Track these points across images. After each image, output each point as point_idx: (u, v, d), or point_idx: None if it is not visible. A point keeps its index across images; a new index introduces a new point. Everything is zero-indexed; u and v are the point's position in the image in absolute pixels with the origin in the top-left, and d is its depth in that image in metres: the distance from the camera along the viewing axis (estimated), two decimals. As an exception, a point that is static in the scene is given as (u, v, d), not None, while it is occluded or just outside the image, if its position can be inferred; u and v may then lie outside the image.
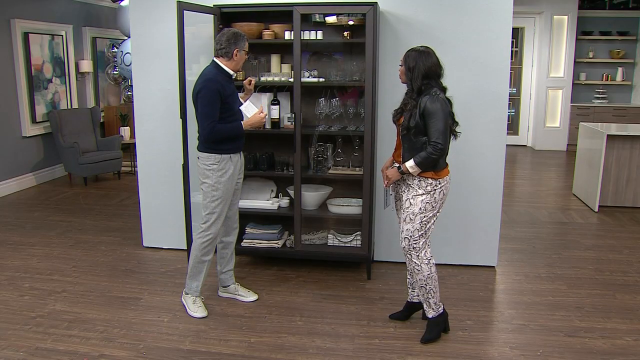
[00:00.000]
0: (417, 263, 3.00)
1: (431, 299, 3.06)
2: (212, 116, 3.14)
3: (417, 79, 2.87)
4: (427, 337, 3.10)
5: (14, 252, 4.49)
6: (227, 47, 3.19)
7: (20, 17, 6.49)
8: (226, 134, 3.22)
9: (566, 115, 9.47)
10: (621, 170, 5.78)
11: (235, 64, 3.24)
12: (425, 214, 2.94)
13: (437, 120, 2.81)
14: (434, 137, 2.82)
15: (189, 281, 3.41)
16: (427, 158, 2.84)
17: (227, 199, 3.31)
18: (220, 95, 3.14)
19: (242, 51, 3.23)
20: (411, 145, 2.92)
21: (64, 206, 5.95)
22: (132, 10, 4.29)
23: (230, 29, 3.27)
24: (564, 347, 3.03)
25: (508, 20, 3.82)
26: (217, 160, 3.23)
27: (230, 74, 3.25)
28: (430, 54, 2.91)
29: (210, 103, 3.13)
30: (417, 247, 2.98)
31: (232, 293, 3.60)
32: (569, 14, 9.15)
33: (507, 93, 3.93)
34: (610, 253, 4.55)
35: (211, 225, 3.30)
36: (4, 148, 6.40)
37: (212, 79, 3.15)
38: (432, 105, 2.82)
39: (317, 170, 3.98)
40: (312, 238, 4.08)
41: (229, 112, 3.24)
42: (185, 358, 2.92)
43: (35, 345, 3.03)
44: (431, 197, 2.94)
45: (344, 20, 3.80)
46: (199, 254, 3.34)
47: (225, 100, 3.18)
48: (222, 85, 3.16)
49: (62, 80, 7.35)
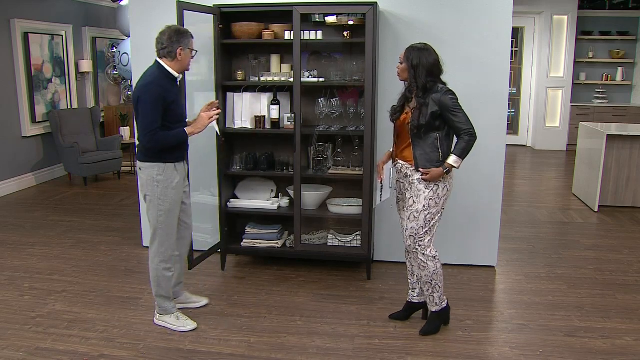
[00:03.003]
0: (423, 260, 3.01)
1: (436, 293, 3.09)
2: (154, 123, 2.88)
3: (422, 76, 2.86)
4: (426, 329, 3.13)
5: (13, 252, 4.49)
6: (169, 47, 2.94)
7: (20, 17, 6.49)
8: (169, 142, 2.96)
9: (566, 115, 9.47)
10: (621, 170, 5.78)
11: (180, 65, 3.00)
12: (429, 210, 2.95)
13: (459, 110, 2.88)
14: (464, 126, 2.88)
15: (161, 301, 3.18)
16: (467, 147, 2.89)
17: (175, 212, 3.08)
18: (164, 100, 2.90)
19: (186, 49, 2.98)
20: (422, 143, 2.93)
21: (63, 206, 5.95)
22: (132, 10, 4.29)
23: (172, 26, 3.02)
24: (564, 347, 3.03)
25: (508, 20, 3.82)
26: (162, 170, 2.99)
27: (174, 76, 3.01)
28: (430, 51, 2.91)
29: (152, 110, 2.87)
30: (422, 244, 2.99)
31: (184, 302, 3.41)
32: (568, 14, 9.16)
33: (507, 93, 3.93)
34: (610, 253, 4.55)
35: (163, 242, 3.07)
36: (4, 148, 6.40)
37: (154, 83, 2.91)
38: (448, 98, 2.86)
39: (317, 170, 3.98)
40: (312, 238, 4.08)
41: (173, 118, 2.98)
42: (185, 358, 2.92)
43: (35, 345, 3.03)
44: (434, 193, 2.94)
45: (344, 20, 3.80)
46: (160, 275, 3.11)
47: (169, 106, 2.94)
48: (164, 89, 2.92)
49: (62, 80, 7.35)
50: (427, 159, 2.93)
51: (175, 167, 3.06)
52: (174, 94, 3.00)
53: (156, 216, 3.06)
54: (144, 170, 3.04)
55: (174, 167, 3.05)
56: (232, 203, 4.13)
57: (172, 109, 2.97)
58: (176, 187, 3.07)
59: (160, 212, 3.05)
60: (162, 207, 3.04)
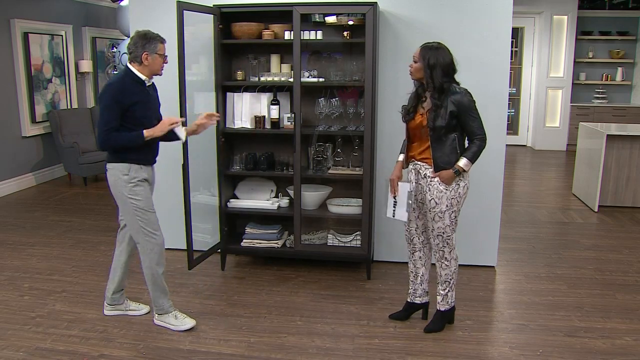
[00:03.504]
0: (447, 259, 3.05)
1: (450, 293, 3.13)
2: (107, 123, 2.90)
3: (438, 76, 2.84)
4: (431, 328, 3.16)
5: (13, 252, 4.49)
6: (134, 51, 2.95)
7: (20, 17, 6.49)
8: (122, 143, 2.96)
9: (566, 115, 9.47)
10: (621, 170, 5.78)
11: (148, 69, 2.98)
12: (452, 209, 2.97)
13: (475, 113, 2.89)
14: (478, 130, 2.89)
15: (158, 301, 3.19)
16: (478, 152, 2.92)
17: (151, 206, 3.08)
18: (121, 102, 2.90)
19: (153, 54, 2.96)
20: (441, 144, 2.92)
21: (63, 206, 5.95)
22: (132, 10, 4.29)
23: (140, 31, 3.00)
24: (563, 347, 3.03)
25: (508, 20, 3.82)
26: (127, 170, 3.00)
27: (141, 80, 3.00)
28: (446, 50, 2.88)
29: (108, 109, 2.89)
30: (450, 243, 3.02)
31: (123, 310, 3.37)
32: (568, 14, 9.16)
33: (507, 93, 3.93)
34: (610, 253, 4.55)
35: (152, 235, 3.08)
36: (4, 148, 6.40)
37: (113, 84, 2.94)
38: (467, 100, 2.86)
39: (317, 170, 3.98)
40: (312, 238, 4.08)
41: (134, 121, 2.97)
42: (185, 358, 2.92)
43: (35, 345, 3.03)
44: (456, 192, 2.96)
45: (344, 20, 3.79)
46: (155, 270, 3.13)
47: (129, 108, 2.93)
48: (124, 91, 2.92)
49: (61, 80, 7.35)
50: (446, 160, 2.92)
51: (141, 167, 3.05)
52: (137, 97, 2.97)
53: (132, 215, 3.05)
54: (110, 171, 3.05)
55: (139, 167, 3.04)
56: (232, 203, 4.13)
57: (133, 110, 2.95)
58: (144, 184, 3.06)
59: (136, 210, 3.04)
60: (136, 204, 3.03)
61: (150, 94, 3.10)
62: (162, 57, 3.01)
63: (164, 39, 3.05)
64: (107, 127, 2.91)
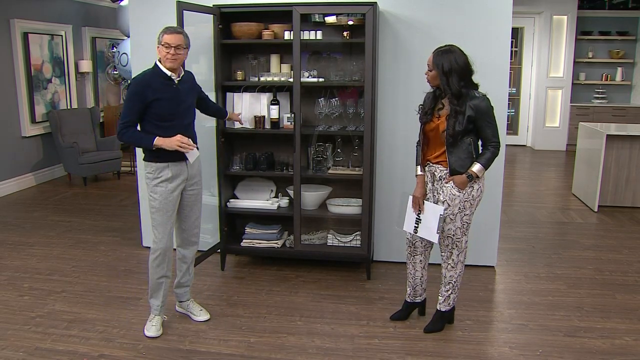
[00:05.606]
0: (455, 261, 3.05)
1: (453, 294, 3.13)
2: (124, 117, 2.92)
3: (455, 82, 2.79)
4: (431, 328, 3.16)
5: (13, 252, 4.49)
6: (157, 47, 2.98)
7: (19, 17, 6.49)
8: (133, 142, 3.06)
9: (566, 115, 9.47)
10: (620, 170, 5.78)
11: (163, 62, 2.96)
12: (464, 212, 2.97)
13: (492, 120, 2.88)
14: (493, 137, 2.89)
15: (150, 300, 3.19)
16: (492, 158, 2.91)
17: (167, 211, 3.05)
18: (142, 97, 2.90)
19: (160, 45, 2.95)
20: (458, 148, 2.90)
21: (63, 206, 5.95)
22: (132, 10, 4.29)
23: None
24: (563, 347, 3.04)
25: (508, 20, 3.82)
26: (153, 169, 3.02)
27: (167, 75, 2.96)
28: (458, 52, 2.83)
29: (127, 103, 2.92)
30: (459, 245, 3.02)
31: (185, 309, 3.38)
32: (568, 14, 9.16)
33: (507, 93, 3.93)
34: (609, 253, 4.55)
35: (156, 239, 3.08)
36: (4, 148, 6.40)
37: (137, 78, 2.97)
38: (486, 106, 2.84)
39: (317, 170, 3.97)
40: (312, 238, 4.08)
41: (157, 117, 2.96)
42: (185, 358, 2.92)
43: (35, 345, 3.03)
44: (469, 195, 2.95)
45: (344, 20, 3.80)
46: (152, 271, 3.12)
47: (150, 104, 2.92)
48: (146, 86, 2.91)
49: (61, 80, 7.35)
50: (461, 164, 2.91)
51: (168, 165, 3.03)
52: (160, 93, 2.94)
53: (151, 214, 3.09)
54: (144, 168, 3.09)
55: (165, 165, 3.02)
56: (232, 203, 4.13)
57: (156, 107, 2.94)
58: (170, 188, 3.03)
59: (151, 209, 3.07)
60: (153, 204, 3.05)
61: (180, 89, 3.04)
62: (167, 47, 2.91)
63: (172, 29, 2.98)
64: (123, 121, 2.94)
